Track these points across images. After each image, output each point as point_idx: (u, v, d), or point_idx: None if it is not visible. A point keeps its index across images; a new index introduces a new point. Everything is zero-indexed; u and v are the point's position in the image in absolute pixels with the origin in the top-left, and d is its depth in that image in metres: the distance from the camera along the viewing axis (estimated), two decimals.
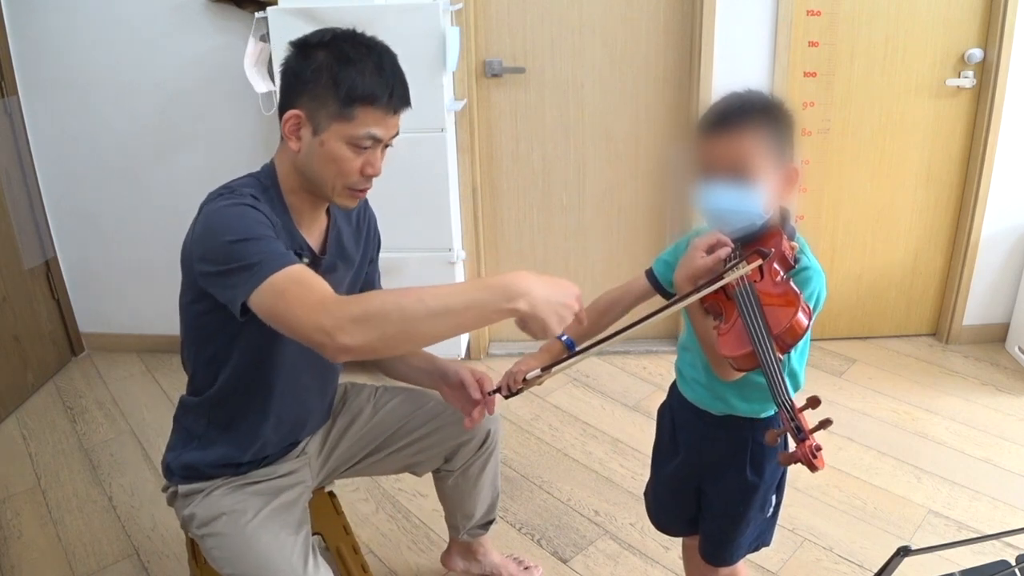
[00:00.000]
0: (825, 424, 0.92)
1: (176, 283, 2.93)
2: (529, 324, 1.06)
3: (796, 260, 1.12)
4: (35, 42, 2.68)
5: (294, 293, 1.06)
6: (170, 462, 1.38)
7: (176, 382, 2.83)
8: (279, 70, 1.30)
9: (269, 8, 2.31)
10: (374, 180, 1.30)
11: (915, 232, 2.87)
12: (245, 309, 1.09)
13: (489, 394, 1.38)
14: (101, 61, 2.68)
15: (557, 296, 1.06)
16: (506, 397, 1.35)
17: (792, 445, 0.93)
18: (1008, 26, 2.51)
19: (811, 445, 0.91)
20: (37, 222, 2.86)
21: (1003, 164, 2.69)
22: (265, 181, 1.29)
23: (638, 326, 1.14)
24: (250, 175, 1.31)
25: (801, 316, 1.00)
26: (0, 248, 2.66)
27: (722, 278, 1.06)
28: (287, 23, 2.29)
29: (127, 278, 2.99)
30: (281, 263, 1.08)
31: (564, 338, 1.37)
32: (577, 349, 1.33)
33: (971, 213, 2.76)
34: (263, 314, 1.08)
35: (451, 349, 2.73)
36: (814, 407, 0.94)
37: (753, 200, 1.11)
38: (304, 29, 2.27)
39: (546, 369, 1.28)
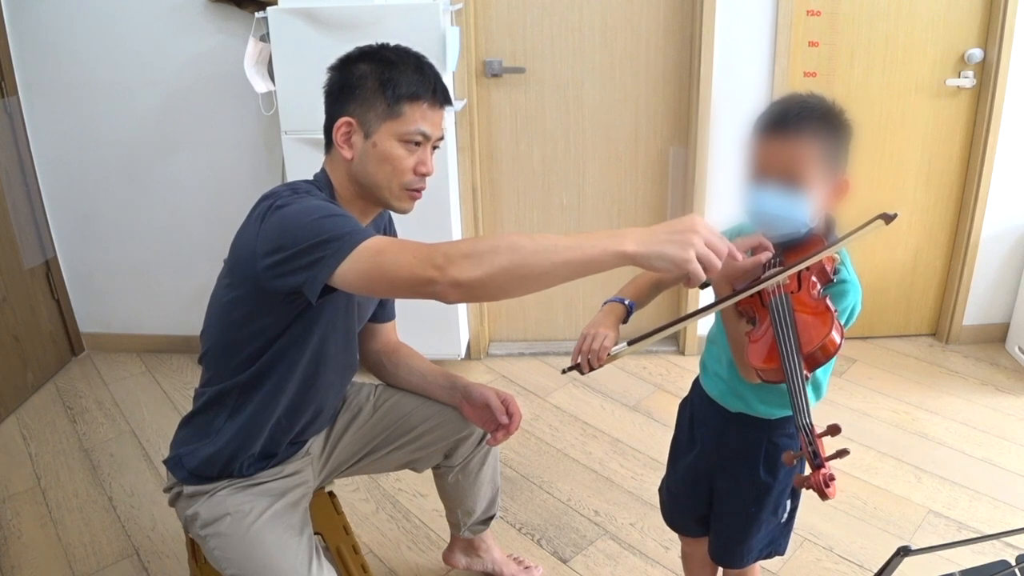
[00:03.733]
0: (842, 454, 0.90)
1: (176, 283, 2.94)
2: (654, 264, 0.96)
3: (836, 272, 1.10)
4: (35, 42, 2.68)
5: (395, 247, 1.07)
6: (183, 456, 1.35)
7: (176, 382, 2.83)
8: (323, 91, 1.32)
9: (269, 8, 2.31)
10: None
11: (915, 232, 2.88)
12: (323, 289, 1.09)
13: (564, 371, 1.33)
14: (101, 61, 2.68)
15: (665, 229, 0.97)
16: (583, 374, 1.27)
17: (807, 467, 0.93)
18: (1008, 26, 2.51)
19: (826, 474, 0.90)
20: (37, 222, 2.86)
21: (1003, 164, 2.69)
22: (324, 190, 1.30)
23: (679, 324, 1.11)
24: (306, 181, 1.31)
25: (835, 335, 0.99)
26: (0, 248, 2.66)
27: (760, 282, 1.04)
28: (287, 23, 2.29)
29: (127, 278, 2.99)
30: (371, 233, 1.10)
31: (627, 302, 1.31)
32: (668, 322, 1.16)
33: (971, 213, 2.76)
34: (357, 277, 1.07)
35: (451, 349, 2.73)
36: (833, 435, 0.93)
37: (801, 207, 1.09)
38: (304, 29, 2.29)
39: (633, 342, 1.18)
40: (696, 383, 1.41)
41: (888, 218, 0.97)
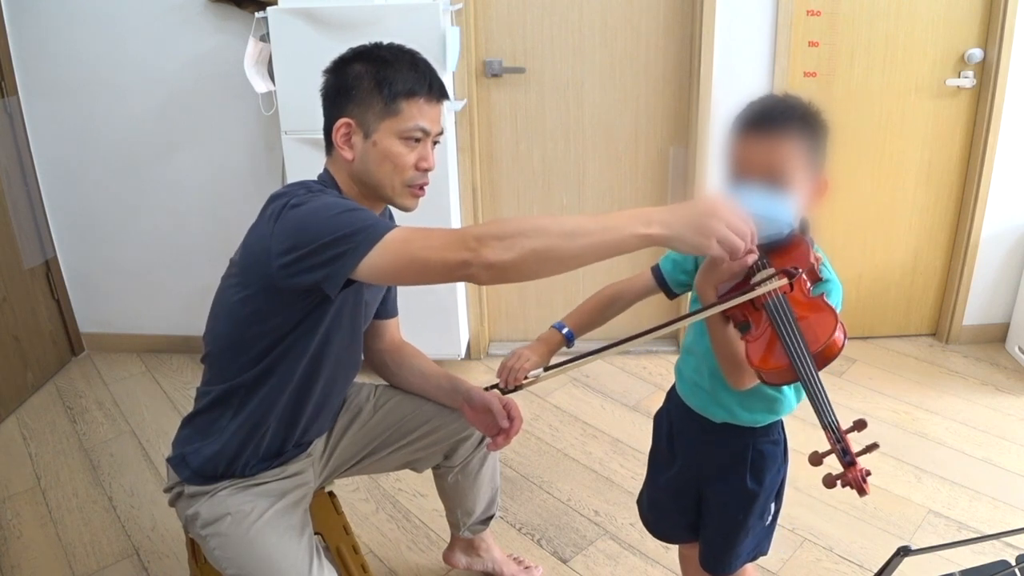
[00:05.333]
0: (872, 448, 0.90)
1: (176, 283, 2.93)
2: (676, 247, 1.01)
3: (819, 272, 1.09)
4: (35, 42, 2.68)
5: (423, 234, 1.08)
6: (187, 455, 1.35)
7: (176, 382, 2.83)
8: (319, 94, 1.33)
9: (269, 8, 2.31)
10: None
11: (915, 232, 2.88)
12: (342, 283, 1.11)
13: (486, 389, 1.38)
14: (101, 61, 2.68)
15: (687, 211, 1.00)
16: (503, 393, 1.33)
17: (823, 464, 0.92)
18: (1008, 26, 2.51)
19: (862, 470, 0.89)
20: (37, 222, 2.86)
21: (1003, 164, 2.69)
22: (331, 189, 1.31)
23: (652, 333, 1.11)
24: (312, 181, 1.31)
25: (839, 334, 0.97)
26: (0, 248, 2.66)
27: (752, 289, 1.03)
28: (287, 23, 2.29)
29: (127, 278, 2.99)
30: (393, 225, 1.12)
31: (565, 330, 1.34)
32: (585, 352, 1.24)
33: (971, 213, 2.76)
34: (386, 266, 1.08)
35: (451, 348, 2.73)
36: (860, 430, 0.92)
37: (786, 207, 1.07)
38: (304, 29, 2.29)
39: (548, 369, 1.25)
40: (672, 394, 1.38)
41: (791, 275, 1.02)
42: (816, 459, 0.95)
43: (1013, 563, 1.24)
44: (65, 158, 2.83)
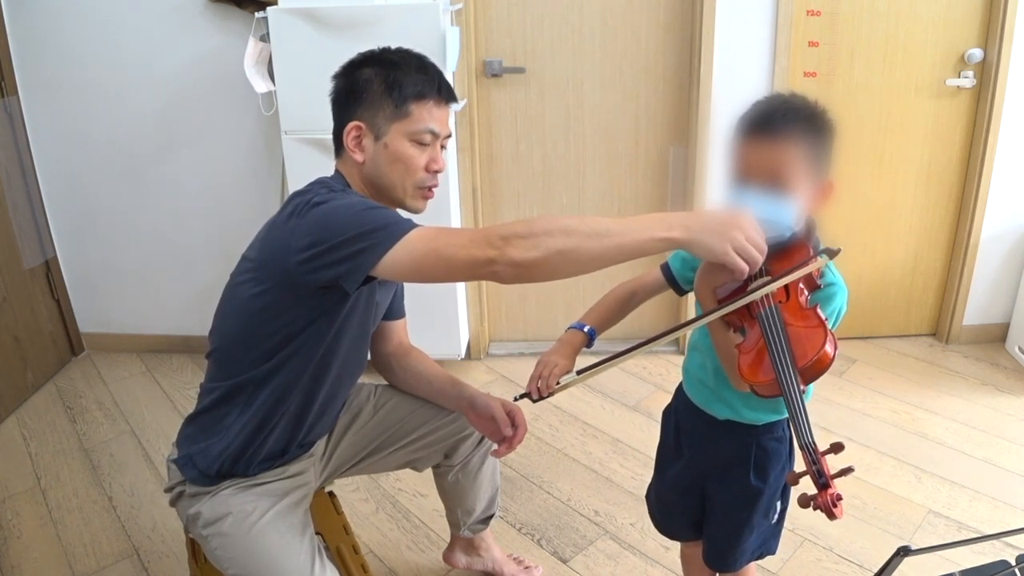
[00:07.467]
0: (847, 472, 0.90)
1: (176, 283, 2.94)
2: (695, 251, 1.03)
3: (821, 275, 1.08)
4: (35, 42, 2.68)
5: (447, 232, 1.11)
6: (194, 455, 1.34)
7: (176, 382, 2.83)
8: (329, 99, 1.34)
9: (269, 8, 2.31)
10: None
11: (915, 232, 2.88)
12: (362, 279, 1.12)
13: (516, 399, 1.36)
14: (101, 61, 2.68)
15: (711, 219, 1.02)
16: (534, 402, 1.28)
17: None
18: (1008, 26, 2.51)
19: (833, 494, 0.88)
20: (37, 222, 2.86)
21: (1003, 164, 2.70)
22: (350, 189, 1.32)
23: (664, 338, 1.11)
24: (331, 180, 1.32)
25: (828, 348, 0.95)
26: (0, 248, 2.66)
27: (746, 294, 1.02)
28: (287, 23, 2.29)
29: (127, 278, 2.99)
30: (415, 223, 1.13)
31: (586, 329, 1.33)
32: (613, 354, 1.19)
33: (971, 213, 2.76)
34: (409, 263, 1.10)
35: (451, 349, 2.73)
36: (837, 452, 0.92)
37: (788, 210, 1.06)
38: (304, 29, 2.29)
39: (581, 372, 1.22)
40: (680, 390, 1.38)
41: (832, 253, 1.02)
42: (793, 479, 0.96)
43: (1013, 563, 1.24)
44: (65, 158, 2.83)
